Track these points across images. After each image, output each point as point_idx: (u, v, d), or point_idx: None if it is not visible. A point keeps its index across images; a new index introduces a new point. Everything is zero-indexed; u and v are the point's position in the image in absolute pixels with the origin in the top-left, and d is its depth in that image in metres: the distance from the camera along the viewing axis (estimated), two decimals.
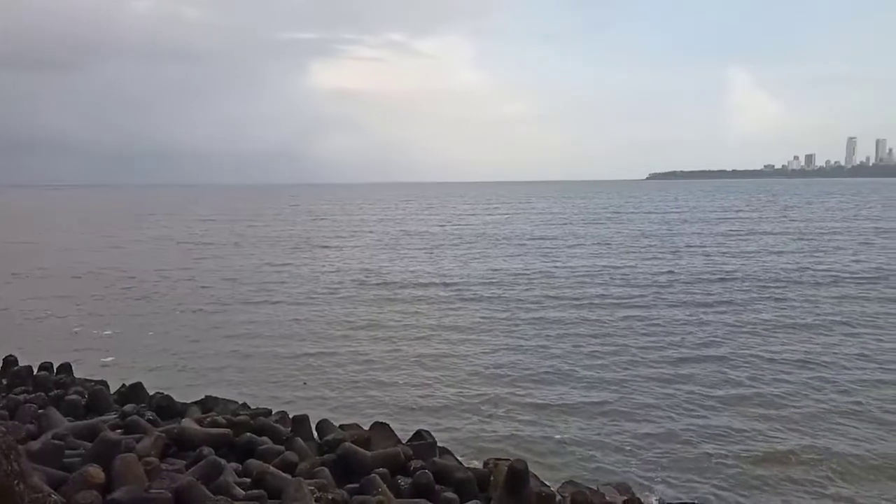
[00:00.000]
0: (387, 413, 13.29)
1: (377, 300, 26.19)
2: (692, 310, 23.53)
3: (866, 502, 9.93)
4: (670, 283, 29.25)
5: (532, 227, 65.98)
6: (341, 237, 56.19)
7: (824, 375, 15.71)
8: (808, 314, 22.52)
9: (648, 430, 12.83)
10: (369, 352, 18.43)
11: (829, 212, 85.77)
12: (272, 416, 10.81)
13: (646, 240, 50.71)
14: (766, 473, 10.89)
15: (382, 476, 8.16)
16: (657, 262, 37.05)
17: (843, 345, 18.51)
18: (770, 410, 13.60)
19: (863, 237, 50.32)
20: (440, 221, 76.23)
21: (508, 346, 18.84)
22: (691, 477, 11.00)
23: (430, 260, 39.05)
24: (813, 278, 30.17)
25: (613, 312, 23.16)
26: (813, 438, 12.13)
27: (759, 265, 34.92)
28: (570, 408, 14.12)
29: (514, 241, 50.87)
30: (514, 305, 24.70)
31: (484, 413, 13.93)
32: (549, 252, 42.60)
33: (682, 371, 16.30)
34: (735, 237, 52.04)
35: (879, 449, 11.63)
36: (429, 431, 10.24)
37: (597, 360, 17.30)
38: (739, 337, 19.56)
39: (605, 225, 67.73)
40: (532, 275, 32.22)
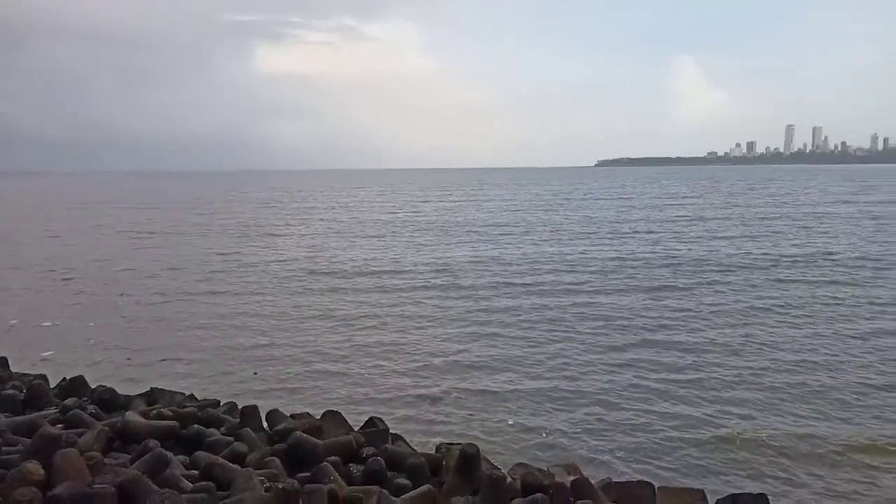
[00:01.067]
0: (339, 403, 13.20)
1: (328, 289, 25.95)
2: (639, 295, 24.06)
3: (806, 481, 10.33)
4: (618, 269, 29.87)
5: (484, 214, 66.37)
6: (291, 225, 55.39)
7: (765, 358, 16.20)
8: (749, 298, 23.26)
9: (598, 414, 13.10)
10: (320, 342, 18.25)
11: (770, 198, 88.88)
12: (220, 407, 10.63)
13: (595, 226, 51.67)
14: (711, 455, 11.23)
15: (334, 464, 8.13)
16: (606, 247, 37.77)
17: (782, 328, 19.15)
18: (715, 394, 13.98)
19: (801, 222, 52.38)
20: (392, 208, 75.92)
21: (461, 334, 18.91)
22: (639, 457, 11.31)
23: (383, 247, 38.88)
24: (754, 262, 31.25)
25: (564, 299, 23.49)
26: (756, 421, 12.51)
27: (704, 250, 35.98)
28: (522, 393, 14.30)
29: (466, 228, 51.09)
30: (466, 293, 24.78)
31: (437, 400, 13.99)
32: (502, 239, 42.96)
33: (629, 356, 16.64)
34: (681, 222, 53.50)
35: (819, 430, 12.07)
36: (381, 418, 10.24)
37: (548, 347, 17.53)
38: (684, 321, 20.05)
39: (556, 211, 68.70)
40: (484, 262, 32.43)
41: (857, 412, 12.88)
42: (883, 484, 10.21)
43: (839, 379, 14.67)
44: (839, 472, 10.51)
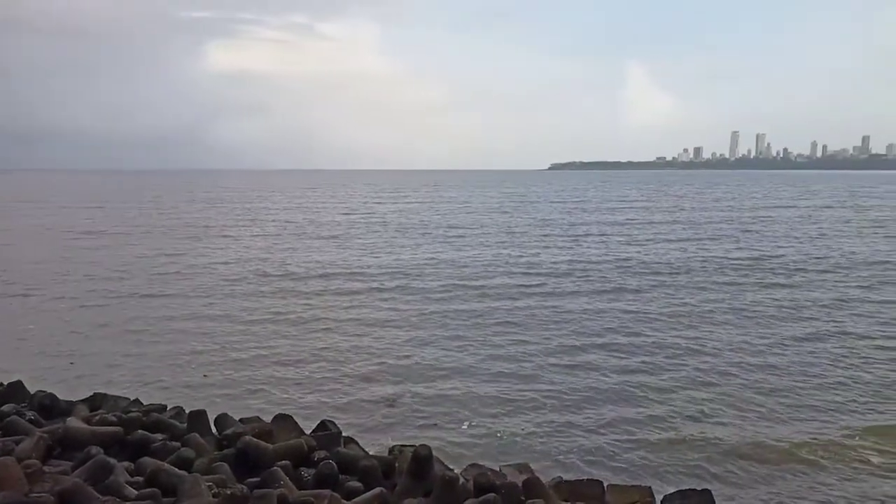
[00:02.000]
0: (291, 407, 13.03)
1: (280, 292, 25.52)
2: (592, 297, 24.42)
3: (752, 480, 10.60)
4: (571, 271, 30.30)
5: (439, 215, 66.46)
6: (242, 225, 54.35)
7: (713, 360, 16.54)
8: (697, 300, 23.84)
9: (551, 416, 13.26)
10: (272, 345, 17.95)
11: (716, 202, 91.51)
12: (167, 412, 10.37)
13: (548, 228, 52.31)
14: (661, 456, 11.45)
15: (285, 468, 8.03)
16: (559, 250, 38.29)
17: (729, 330, 19.61)
18: (665, 395, 14.26)
19: (745, 225, 54.10)
20: (347, 209, 75.35)
21: (415, 338, 18.83)
22: (590, 458, 11.50)
23: (336, 249, 38.53)
24: (702, 265, 32.11)
25: (518, 301, 23.66)
26: (705, 422, 12.78)
27: (654, 253, 36.83)
28: (477, 396, 14.35)
29: (421, 229, 51.06)
30: (421, 296, 24.72)
31: (391, 403, 13.94)
32: (456, 241, 43.07)
33: (582, 358, 16.83)
34: (631, 225, 54.65)
35: (766, 430, 12.40)
36: (333, 422, 10.15)
37: (502, 350, 17.59)
38: (635, 324, 20.41)
39: (511, 214, 69.25)
40: (439, 264, 32.45)
41: (802, 412, 13.29)
42: (826, 482, 10.60)
43: (785, 380, 15.11)
44: (784, 472, 10.83)
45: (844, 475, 10.64)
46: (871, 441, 11.80)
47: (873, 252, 36.62)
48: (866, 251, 36.97)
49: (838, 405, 13.58)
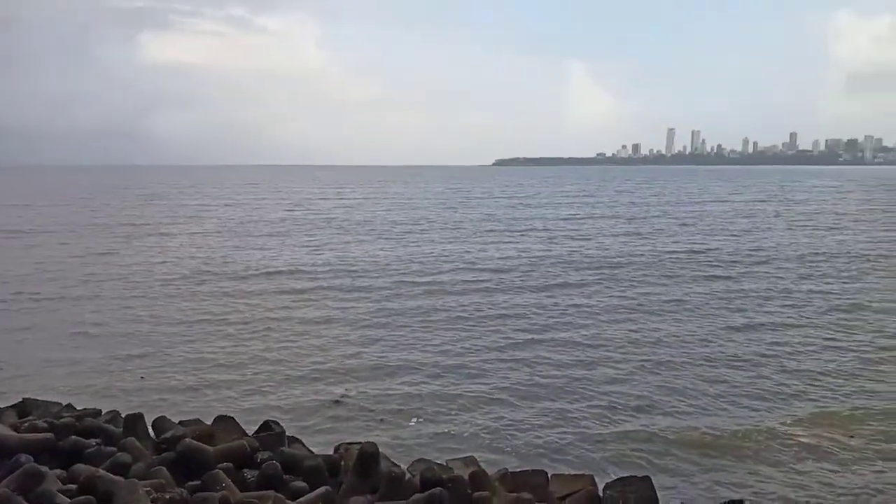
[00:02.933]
0: (233, 409, 12.71)
1: (220, 292, 24.85)
2: (536, 293, 24.66)
3: (693, 469, 10.93)
4: (516, 267, 30.61)
5: (384, 211, 66.18)
6: (180, 223, 52.76)
7: (654, 353, 16.89)
8: (636, 294, 24.42)
9: (497, 410, 13.39)
10: (212, 347, 17.48)
11: (654, 196, 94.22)
12: (102, 417, 10.00)
13: (493, 224, 52.76)
14: (601, 448, 11.70)
15: (227, 470, 7.86)
16: (504, 245, 38.68)
17: (668, 322, 20.11)
18: (608, 388, 14.50)
19: (681, 220, 55.84)
20: (289, 206, 74.06)
21: (361, 336, 18.65)
22: (535, 450, 11.69)
23: (278, 247, 37.84)
24: (641, 259, 33.00)
25: (464, 298, 23.70)
26: (644, 416, 13.06)
27: (596, 247, 37.61)
28: (424, 392, 14.37)
29: (366, 226, 50.73)
30: (366, 294, 24.50)
31: (336, 402, 13.82)
32: (402, 237, 42.99)
33: (527, 353, 16.95)
34: (574, 221, 55.68)
35: (706, 421, 12.76)
36: (277, 421, 9.98)
37: (448, 347, 17.60)
38: (578, 318, 20.68)
39: (456, 210, 69.52)
40: (384, 261, 32.29)
41: (740, 401, 13.74)
42: (764, 469, 11.03)
43: (722, 370, 15.59)
44: (724, 460, 11.20)
45: (782, 462, 11.07)
46: (807, 428, 12.27)
47: (803, 245, 38.34)
48: (796, 244, 38.68)
49: (774, 394, 14.09)
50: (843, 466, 10.85)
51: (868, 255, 34.04)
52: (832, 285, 25.83)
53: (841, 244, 38.44)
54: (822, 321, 20.17)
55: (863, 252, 34.83)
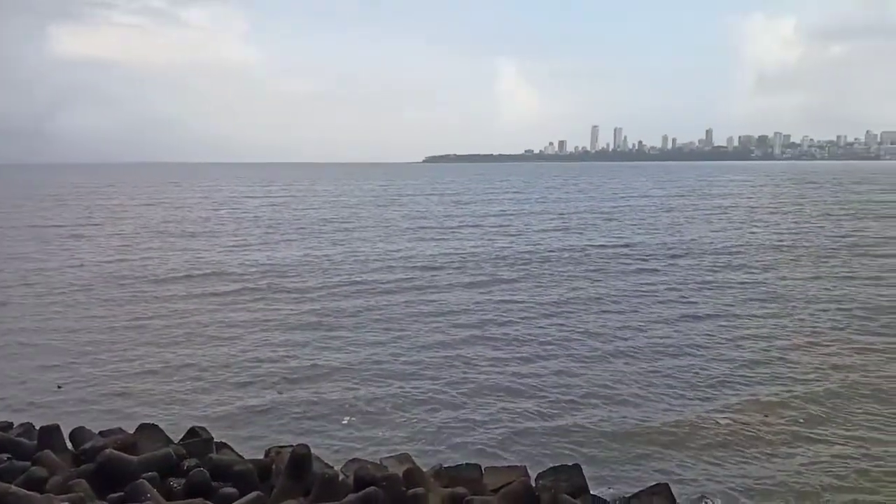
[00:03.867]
0: (158, 416, 12.24)
1: (140, 296, 23.77)
2: (468, 290, 24.70)
3: (625, 458, 11.25)
4: (447, 264, 30.69)
5: (313, 210, 65.14)
6: (96, 224, 50.32)
7: (581, 349, 17.14)
8: (567, 290, 24.83)
9: (431, 409, 13.40)
10: (133, 355, 16.69)
11: (580, 192, 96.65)
12: (13, 430, 9.46)
13: (425, 220, 52.84)
14: (533, 441, 11.90)
15: (152, 480, 7.57)
16: (435, 242, 38.76)
17: (598, 316, 20.46)
18: (541, 381, 14.73)
19: (607, 215, 57.48)
20: (214, 205, 71.86)
21: (290, 339, 18.19)
22: (470, 446, 11.78)
23: (202, 248, 36.57)
24: (569, 254, 33.75)
25: (395, 297, 23.55)
26: (575, 410, 13.30)
27: (525, 243, 38.19)
28: (357, 393, 14.22)
29: (294, 225, 49.80)
30: (295, 295, 23.94)
31: (266, 406, 13.53)
32: (332, 236, 42.43)
33: (459, 352, 16.93)
34: (504, 217, 56.42)
35: (638, 414, 13.10)
36: (204, 428, 9.70)
37: (380, 348, 17.41)
38: (508, 315, 20.79)
39: (387, 207, 69.21)
40: (314, 261, 31.74)
41: (669, 392, 14.20)
42: (691, 458, 11.49)
43: (651, 363, 15.99)
44: (653, 450, 11.54)
45: (705, 448, 11.52)
46: (729, 415, 12.78)
47: (720, 238, 40.18)
48: (713, 237, 40.47)
49: (699, 383, 14.60)
50: (761, 451, 11.38)
51: (780, 246, 36.01)
52: (748, 276, 27.15)
53: (755, 236, 40.52)
54: (741, 311, 21.08)
55: (775, 244, 36.79)
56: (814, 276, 27.11)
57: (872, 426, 12.27)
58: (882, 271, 28.06)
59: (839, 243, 36.82)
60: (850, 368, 15.42)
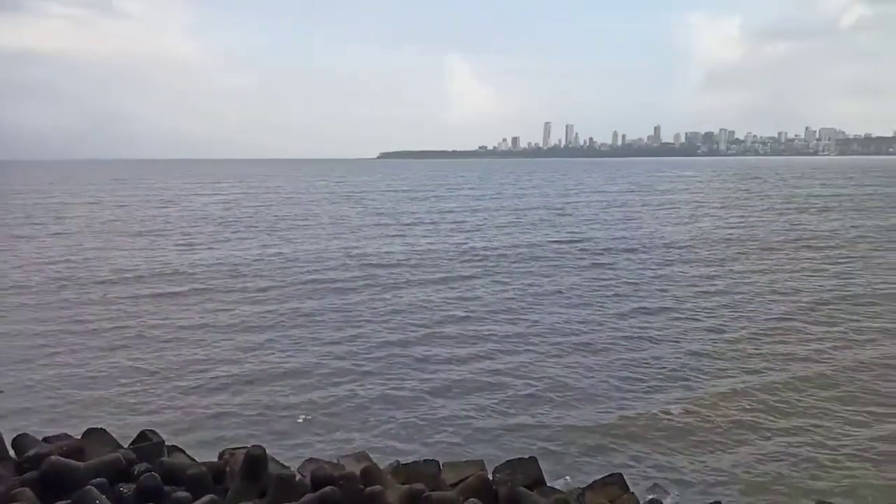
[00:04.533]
0: (106, 421, 11.87)
1: (85, 298, 22.95)
2: (426, 287, 24.65)
3: (576, 455, 11.40)
4: (403, 262, 30.62)
5: (266, 207, 64.03)
6: (37, 224, 48.38)
7: (538, 346, 17.26)
8: (522, 285, 25.06)
9: (389, 407, 13.39)
10: (78, 360, 16.16)
11: (534, 188, 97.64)
12: None
13: (379, 217, 52.56)
14: (491, 437, 12.03)
15: (100, 486, 7.33)
16: (391, 239, 38.64)
17: (551, 313, 20.60)
18: (495, 380, 14.80)
19: (560, 211, 58.24)
20: (161, 203, 69.95)
21: (244, 341, 17.82)
22: (426, 442, 11.87)
23: (149, 248, 35.55)
24: (525, 250, 34.11)
25: (351, 296, 23.33)
26: (533, 405, 13.45)
27: (481, 239, 38.39)
28: (312, 393, 14.11)
29: (246, 223, 48.86)
30: (247, 295, 23.44)
31: (219, 408, 13.28)
32: (285, 234, 41.79)
33: (415, 351, 16.87)
34: (459, 213, 56.55)
35: (588, 409, 13.32)
36: (154, 431, 9.44)
37: (334, 347, 17.27)
38: (464, 313, 20.74)
39: (341, 204, 68.58)
40: (267, 260, 31.21)
41: (625, 386, 14.44)
42: (645, 451, 11.78)
43: (607, 357, 16.25)
44: (606, 441, 11.80)
45: (662, 442, 11.76)
46: (683, 407, 13.08)
47: (669, 232, 41.18)
48: (663, 231, 41.46)
49: (656, 378, 14.83)
50: (714, 442, 11.70)
51: (728, 239, 37.09)
52: (698, 270, 27.88)
53: (703, 230, 41.65)
54: (692, 305, 21.62)
55: (724, 237, 37.86)
56: (761, 269, 28.03)
57: (820, 414, 12.72)
58: (825, 263, 29.20)
59: (784, 237, 38.18)
60: (797, 359, 15.98)
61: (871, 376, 14.65)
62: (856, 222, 45.79)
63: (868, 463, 10.90)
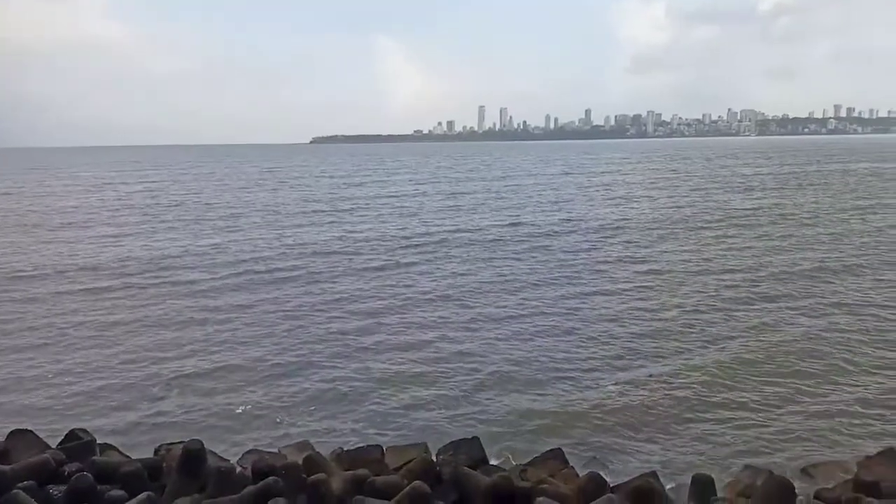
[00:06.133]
0: (32, 424, 11.28)
1: (2, 296, 21.75)
2: (361, 276, 24.26)
3: (514, 433, 11.62)
4: (342, 249, 30.16)
5: (195, 195, 61.90)
6: None
7: (479, 335, 17.20)
8: (464, 270, 25.05)
9: (330, 395, 13.37)
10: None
11: (471, 171, 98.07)
12: None
13: (315, 204, 51.68)
14: (432, 420, 12.22)
15: (28, 489, 7.05)
16: (328, 226, 38.05)
17: (490, 301, 20.48)
18: (436, 369, 14.76)
19: (498, 195, 58.64)
20: (83, 192, 66.62)
21: (175, 338, 17.15)
22: (368, 428, 11.88)
23: (72, 241, 33.83)
24: (466, 234, 34.12)
25: (288, 287, 22.77)
26: (477, 389, 13.59)
27: (421, 224, 38.17)
28: (250, 388, 13.85)
29: (174, 212, 47.07)
30: (178, 289, 22.50)
31: (153, 405, 12.92)
32: (217, 223, 40.51)
33: (354, 342, 16.69)
34: (397, 198, 56.20)
35: (526, 397, 13.51)
36: (85, 430, 9.11)
37: (273, 339, 16.92)
38: (404, 302, 20.47)
39: (276, 191, 66.94)
40: (198, 251, 30.13)
41: (571, 368, 14.69)
42: (579, 429, 12.06)
43: (546, 341, 16.44)
44: (546, 421, 12.04)
45: (601, 421, 12.08)
46: (625, 389, 13.38)
47: (602, 214, 42.11)
48: (597, 214, 42.34)
49: (596, 360, 15.11)
50: (652, 421, 12.07)
51: (660, 220, 38.24)
52: (633, 251, 28.54)
53: (636, 211, 42.87)
54: (629, 286, 22.07)
55: (656, 218, 38.95)
56: (692, 248, 28.98)
57: (755, 392, 13.19)
58: (751, 240, 30.51)
59: (712, 216, 39.68)
60: (731, 338, 16.51)
61: (796, 354, 15.07)
62: (778, 200, 47.97)
63: (792, 435, 11.43)
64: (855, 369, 14.25)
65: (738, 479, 9.01)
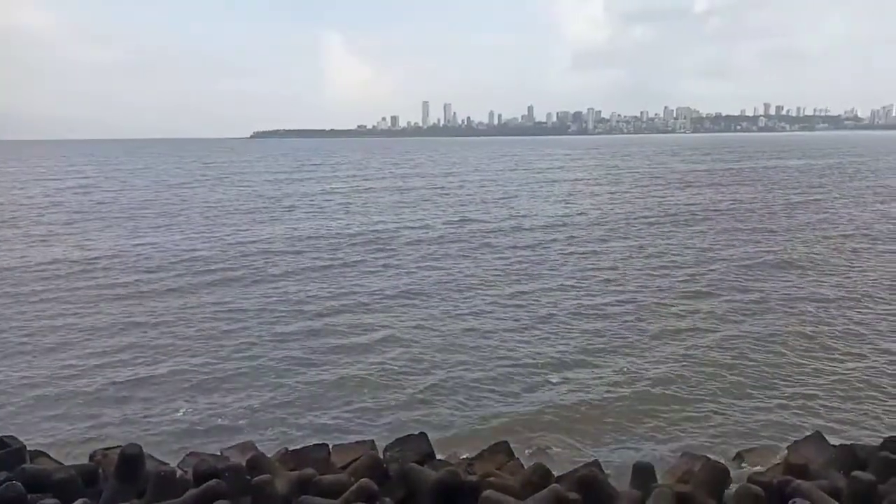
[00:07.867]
0: None
1: None
2: (307, 276, 23.82)
3: (457, 426, 11.76)
4: (283, 250, 29.49)
5: (129, 191, 59.57)
6: None
7: (433, 330, 17.29)
8: (415, 268, 24.93)
9: (272, 394, 13.21)
10: None
11: (415, 167, 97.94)
12: None
13: (256, 201, 50.60)
14: (378, 418, 12.24)
15: None
16: (269, 225, 37.22)
17: (441, 301, 20.29)
18: (393, 368, 14.72)
19: (444, 191, 58.61)
20: (6, 188, 63.21)
21: (108, 344, 16.50)
22: (314, 426, 11.72)
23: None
24: (413, 231, 33.98)
25: (229, 288, 22.17)
26: (424, 389, 13.68)
27: (365, 222, 37.70)
28: (192, 385, 13.64)
29: (106, 210, 45.14)
30: (111, 291, 21.62)
31: (87, 408, 12.48)
32: (152, 221, 39.03)
33: (299, 343, 16.43)
34: (342, 194, 55.50)
35: (478, 396, 13.84)
36: (13, 436, 8.69)
37: (215, 342, 16.52)
38: (348, 303, 20.07)
39: (215, 187, 65.03)
40: (132, 252, 28.93)
41: (520, 368, 14.81)
42: (536, 429, 12.19)
43: (501, 341, 16.44)
44: (501, 423, 12.07)
45: (546, 417, 12.34)
46: (571, 388, 13.55)
47: (547, 211, 42.53)
48: (542, 211, 42.62)
49: (543, 359, 15.15)
50: (592, 416, 12.30)
51: (604, 216, 39.00)
52: (578, 248, 28.91)
53: (581, 207, 43.58)
54: (576, 283, 22.29)
55: (601, 215, 39.58)
56: (635, 244, 29.58)
57: (697, 386, 13.56)
58: (693, 235, 31.43)
59: (655, 211, 40.68)
60: (673, 333, 16.88)
61: (735, 350, 15.56)
62: (714, 197, 49.53)
63: (728, 425, 11.92)
64: (788, 363, 14.83)
65: (677, 465, 9.31)
